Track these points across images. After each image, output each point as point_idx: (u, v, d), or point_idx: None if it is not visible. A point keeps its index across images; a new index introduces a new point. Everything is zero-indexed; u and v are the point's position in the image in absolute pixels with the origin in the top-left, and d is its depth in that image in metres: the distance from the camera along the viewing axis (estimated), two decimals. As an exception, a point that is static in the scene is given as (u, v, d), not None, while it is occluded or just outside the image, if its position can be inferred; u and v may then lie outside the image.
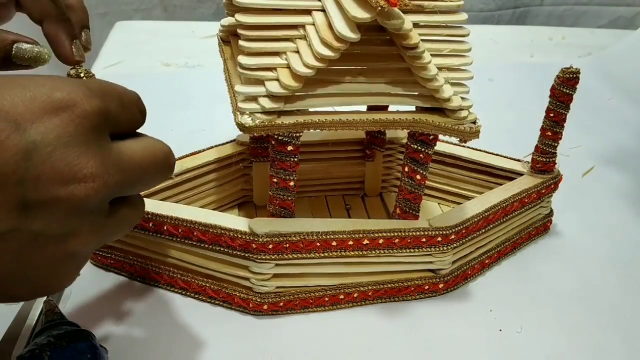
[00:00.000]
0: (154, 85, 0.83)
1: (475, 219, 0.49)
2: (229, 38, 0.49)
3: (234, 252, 0.45)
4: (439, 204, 0.60)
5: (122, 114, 0.31)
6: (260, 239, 0.44)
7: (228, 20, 0.47)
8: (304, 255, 0.46)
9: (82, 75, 0.40)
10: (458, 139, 0.44)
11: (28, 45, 0.40)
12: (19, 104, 0.26)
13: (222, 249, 0.46)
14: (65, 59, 0.40)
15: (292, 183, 0.44)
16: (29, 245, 0.27)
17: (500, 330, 0.48)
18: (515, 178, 0.56)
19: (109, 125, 0.29)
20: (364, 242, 0.46)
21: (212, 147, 0.56)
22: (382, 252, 0.47)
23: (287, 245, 0.45)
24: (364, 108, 0.48)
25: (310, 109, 0.42)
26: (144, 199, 0.34)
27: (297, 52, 0.40)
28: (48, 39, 0.40)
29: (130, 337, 0.45)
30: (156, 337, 0.45)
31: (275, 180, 0.44)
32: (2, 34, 0.40)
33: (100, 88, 0.30)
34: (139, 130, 0.33)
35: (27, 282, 0.29)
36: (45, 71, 0.40)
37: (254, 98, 0.40)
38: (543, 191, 0.55)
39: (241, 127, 0.40)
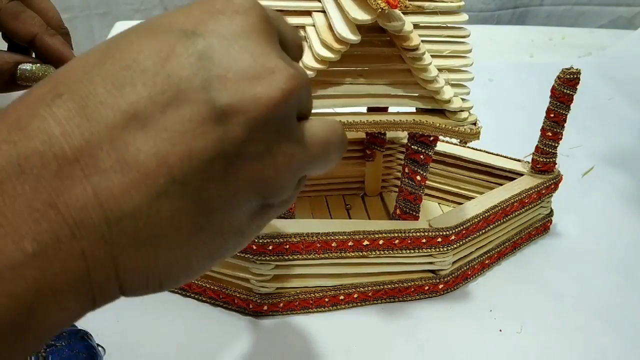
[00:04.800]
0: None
1: (476, 220, 0.50)
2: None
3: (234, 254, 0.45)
4: (439, 203, 0.60)
5: (287, 31, 0.26)
6: (261, 240, 0.44)
7: (228, 21, 0.47)
8: (304, 257, 0.46)
9: None
10: (458, 140, 0.44)
11: (32, 65, 0.40)
12: (177, 15, 0.23)
13: (222, 250, 0.46)
14: None
15: (292, 184, 0.44)
16: (228, 168, 0.22)
17: (500, 330, 0.48)
18: (515, 178, 0.56)
19: (278, 36, 0.25)
20: (364, 243, 0.46)
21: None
22: (382, 252, 0.47)
23: (287, 246, 0.45)
24: (364, 109, 0.48)
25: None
26: None
27: (298, 53, 0.40)
28: (47, 53, 0.39)
29: (129, 336, 0.45)
30: (155, 338, 0.45)
31: (275, 181, 0.44)
32: (4, 56, 0.39)
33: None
34: None
35: (217, 235, 0.23)
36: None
37: (254, 99, 0.40)
38: (543, 191, 0.55)
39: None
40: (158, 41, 0.22)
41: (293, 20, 0.41)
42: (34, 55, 0.41)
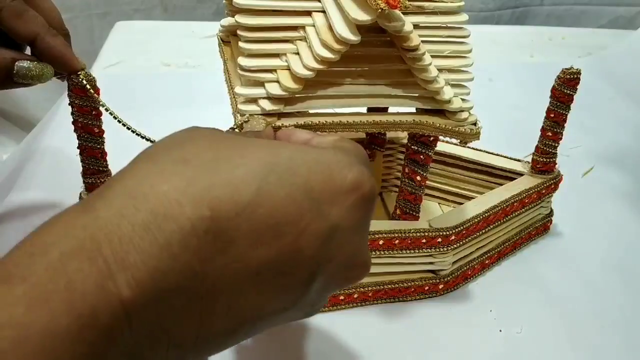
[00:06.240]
0: (154, 85, 0.83)
1: (476, 220, 0.50)
2: (229, 38, 0.49)
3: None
4: (439, 203, 0.60)
5: None
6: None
7: (228, 21, 0.47)
8: (304, 256, 0.46)
9: (84, 80, 0.41)
10: (458, 141, 0.44)
11: (30, 63, 0.39)
12: (320, 182, 0.26)
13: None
14: (73, 68, 0.40)
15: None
16: (291, 314, 0.28)
17: (500, 330, 0.48)
18: (515, 178, 0.56)
19: None
20: (364, 243, 0.46)
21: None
22: (382, 253, 0.47)
23: (288, 246, 0.45)
24: (364, 109, 0.47)
25: (311, 111, 0.41)
26: None
27: (297, 53, 0.40)
28: (49, 53, 0.40)
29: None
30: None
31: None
32: (1, 53, 0.39)
33: (365, 159, 0.30)
34: None
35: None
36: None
37: (254, 100, 0.40)
38: (543, 191, 0.55)
39: (241, 129, 0.40)
40: (299, 209, 0.25)
41: (293, 20, 0.41)
42: (30, 54, 0.41)
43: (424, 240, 0.47)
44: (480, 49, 0.52)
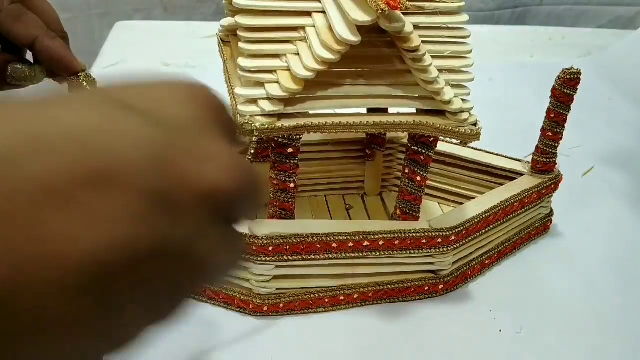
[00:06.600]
0: (154, 85, 0.83)
1: (476, 220, 0.50)
2: (229, 38, 0.49)
3: (235, 254, 0.45)
4: (439, 203, 0.60)
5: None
6: (261, 241, 0.44)
7: (228, 21, 0.47)
8: (304, 257, 0.46)
9: (84, 82, 0.41)
10: (459, 141, 0.44)
11: (23, 65, 0.40)
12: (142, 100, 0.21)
13: (222, 251, 0.46)
14: (73, 70, 0.40)
15: (292, 185, 0.44)
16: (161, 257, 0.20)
17: (500, 330, 0.48)
18: (515, 178, 0.56)
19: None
20: (364, 244, 0.46)
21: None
22: (382, 253, 0.47)
23: (288, 247, 0.45)
24: (364, 110, 0.47)
25: (311, 112, 0.41)
26: None
27: (298, 54, 0.40)
28: (49, 55, 0.40)
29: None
30: (154, 338, 0.45)
31: (275, 182, 0.44)
32: None
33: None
34: None
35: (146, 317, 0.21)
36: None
37: (254, 100, 0.40)
38: (543, 191, 0.55)
39: (241, 129, 0.40)
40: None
41: (293, 21, 0.41)
42: (32, 57, 0.41)
43: (424, 241, 0.47)
44: (480, 49, 0.52)
